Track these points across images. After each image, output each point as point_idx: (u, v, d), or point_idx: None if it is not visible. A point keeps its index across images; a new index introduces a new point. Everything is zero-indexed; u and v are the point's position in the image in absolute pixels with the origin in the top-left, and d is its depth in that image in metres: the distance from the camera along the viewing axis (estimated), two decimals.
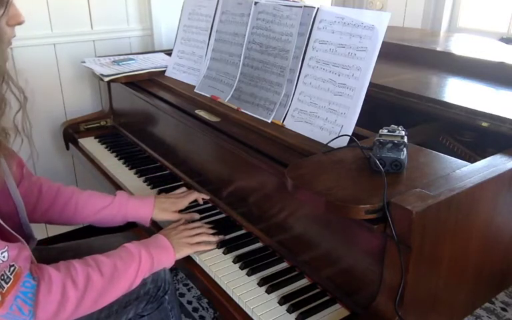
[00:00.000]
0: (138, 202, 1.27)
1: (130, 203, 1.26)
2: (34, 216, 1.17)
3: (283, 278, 1.07)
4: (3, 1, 0.85)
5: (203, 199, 1.37)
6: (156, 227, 1.27)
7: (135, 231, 1.42)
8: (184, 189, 1.41)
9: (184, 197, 1.33)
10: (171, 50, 1.87)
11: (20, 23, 0.91)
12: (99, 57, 2.00)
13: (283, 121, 1.29)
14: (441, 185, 0.89)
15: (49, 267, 0.90)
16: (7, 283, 0.82)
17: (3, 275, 0.82)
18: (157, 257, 1.07)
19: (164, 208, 1.28)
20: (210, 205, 1.38)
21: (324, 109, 1.19)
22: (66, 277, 0.90)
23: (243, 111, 1.41)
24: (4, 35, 0.87)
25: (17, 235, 0.94)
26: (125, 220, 1.26)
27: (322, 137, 1.16)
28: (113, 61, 1.91)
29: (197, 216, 1.30)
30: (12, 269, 0.83)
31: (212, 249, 1.17)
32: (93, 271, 0.94)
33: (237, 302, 1.03)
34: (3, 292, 0.81)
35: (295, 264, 1.12)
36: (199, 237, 1.18)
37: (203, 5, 1.72)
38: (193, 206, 1.36)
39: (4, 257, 0.83)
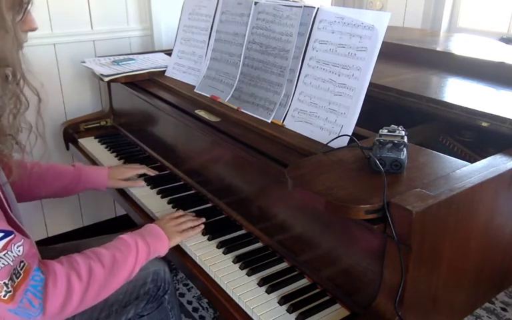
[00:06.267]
0: (93, 168, 1.47)
1: (86, 168, 1.43)
2: None
3: (282, 278, 1.07)
4: (21, 8, 0.88)
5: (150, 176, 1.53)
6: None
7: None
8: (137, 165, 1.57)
9: (133, 168, 1.52)
10: (171, 50, 1.87)
11: (33, 30, 0.95)
12: (99, 57, 2.00)
13: (282, 121, 1.29)
14: (440, 184, 0.89)
15: (52, 261, 0.92)
16: (17, 278, 0.83)
17: (15, 269, 0.83)
18: (153, 244, 1.10)
19: (114, 175, 1.45)
20: (210, 205, 1.38)
21: (324, 108, 1.19)
22: (70, 269, 0.91)
23: (242, 111, 1.41)
24: (19, 39, 0.89)
25: (25, 231, 0.94)
26: (85, 186, 1.41)
27: (322, 137, 1.16)
28: (113, 61, 1.91)
29: (140, 180, 1.49)
30: (22, 264, 0.85)
31: (199, 234, 1.22)
32: (95, 263, 0.96)
33: (237, 302, 1.03)
34: (14, 286, 0.82)
35: (294, 264, 1.12)
36: (185, 224, 1.22)
37: (202, 5, 1.72)
38: (193, 206, 1.36)
39: (19, 251, 0.85)
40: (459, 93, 1.39)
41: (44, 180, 1.30)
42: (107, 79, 1.74)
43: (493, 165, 1.00)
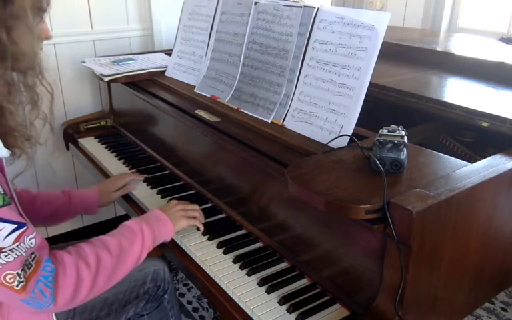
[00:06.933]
0: (82, 191, 1.40)
1: (75, 192, 1.38)
2: None
3: (282, 278, 1.07)
4: (40, 11, 0.91)
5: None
6: None
7: None
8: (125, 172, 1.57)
9: (121, 178, 1.48)
10: (171, 50, 1.87)
11: (48, 38, 0.97)
12: (99, 57, 2.00)
13: (282, 121, 1.29)
14: (440, 185, 0.89)
15: (60, 251, 0.93)
16: (29, 269, 0.84)
17: (26, 260, 0.84)
18: (158, 229, 1.10)
19: (104, 190, 1.42)
20: (210, 204, 1.38)
21: (324, 108, 1.19)
22: (78, 259, 0.92)
23: (242, 111, 1.41)
24: (39, 41, 0.91)
25: (33, 228, 0.95)
26: (76, 210, 1.36)
27: (322, 137, 1.16)
28: (113, 61, 1.91)
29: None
30: (33, 256, 0.86)
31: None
32: (102, 251, 0.97)
33: (237, 302, 1.03)
34: (26, 276, 0.83)
35: (294, 264, 1.12)
36: (192, 211, 1.22)
37: (202, 5, 1.72)
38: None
39: (32, 243, 0.86)
40: (459, 93, 1.39)
41: (33, 206, 1.26)
42: (107, 79, 1.74)
43: (493, 165, 1.00)
